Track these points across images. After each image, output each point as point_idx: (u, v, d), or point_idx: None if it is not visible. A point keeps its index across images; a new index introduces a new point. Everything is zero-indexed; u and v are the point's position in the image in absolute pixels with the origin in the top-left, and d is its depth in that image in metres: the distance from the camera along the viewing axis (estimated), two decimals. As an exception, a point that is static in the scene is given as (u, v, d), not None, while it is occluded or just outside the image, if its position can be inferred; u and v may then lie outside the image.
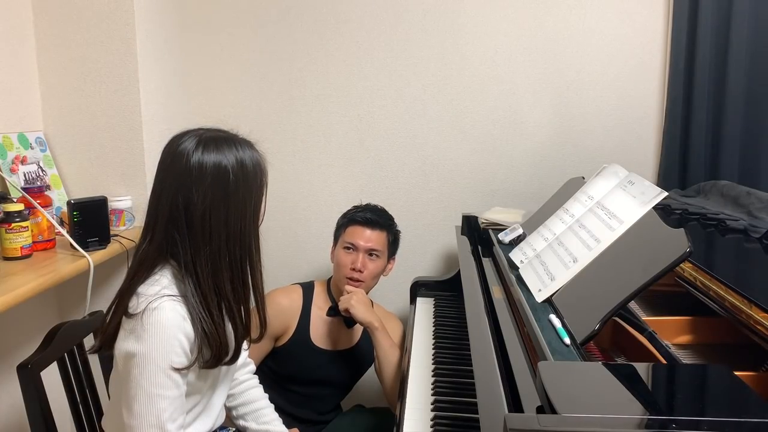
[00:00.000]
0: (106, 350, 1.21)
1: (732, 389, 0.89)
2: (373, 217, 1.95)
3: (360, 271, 1.89)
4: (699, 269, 1.30)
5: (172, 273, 1.17)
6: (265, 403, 1.52)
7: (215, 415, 1.33)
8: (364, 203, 2.04)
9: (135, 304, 1.14)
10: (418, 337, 1.82)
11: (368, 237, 1.92)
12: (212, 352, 1.17)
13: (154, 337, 1.10)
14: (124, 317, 1.15)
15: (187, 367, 1.14)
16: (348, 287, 1.85)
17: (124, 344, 1.13)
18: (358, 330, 1.97)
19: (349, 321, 1.92)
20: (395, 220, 2.04)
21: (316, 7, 2.26)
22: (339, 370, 1.92)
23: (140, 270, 1.17)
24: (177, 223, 1.15)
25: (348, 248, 1.92)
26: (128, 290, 1.17)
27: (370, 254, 1.92)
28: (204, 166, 1.14)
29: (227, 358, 1.22)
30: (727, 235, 1.57)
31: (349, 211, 2.01)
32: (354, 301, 1.79)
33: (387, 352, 1.80)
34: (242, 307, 1.22)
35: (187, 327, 1.14)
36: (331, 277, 2.01)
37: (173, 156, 1.17)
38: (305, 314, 1.93)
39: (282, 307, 1.91)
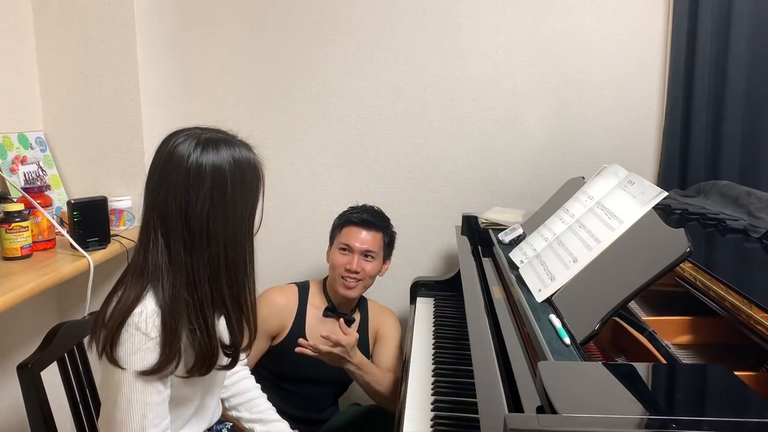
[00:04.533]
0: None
1: (732, 389, 0.89)
2: (369, 218, 1.96)
3: (356, 272, 1.89)
4: (699, 269, 1.29)
5: (153, 286, 1.13)
6: (258, 393, 1.52)
7: (209, 416, 1.33)
8: (360, 204, 2.04)
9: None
10: (418, 337, 1.82)
11: (364, 238, 1.92)
12: (205, 360, 1.16)
13: (128, 344, 1.09)
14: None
15: (158, 371, 1.10)
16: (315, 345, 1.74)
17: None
18: (354, 330, 1.97)
19: (346, 321, 1.92)
20: (394, 220, 2.05)
21: (316, 7, 2.25)
22: (335, 369, 1.92)
23: (134, 278, 1.14)
24: (175, 227, 1.11)
25: (343, 249, 1.93)
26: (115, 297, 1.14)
27: (366, 255, 1.93)
28: (203, 168, 1.10)
29: (220, 364, 1.21)
30: (727, 235, 1.57)
31: (345, 212, 2.01)
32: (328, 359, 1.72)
33: (378, 383, 1.78)
34: (240, 311, 1.20)
35: (152, 328, 1.09)
36: (326, 277, 2.01)
37: (170, 156, 1.12)
38: (301, 313, 1.94)
39: (278, 306, 1.91)
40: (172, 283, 1.12)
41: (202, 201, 1.11)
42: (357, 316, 2.02)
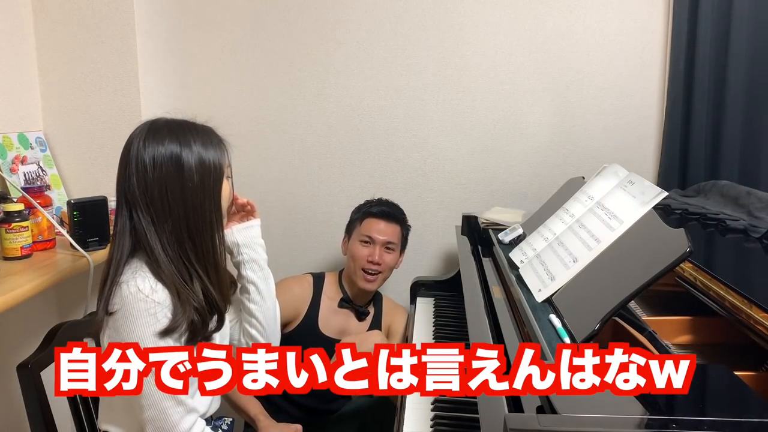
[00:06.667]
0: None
1: (732, 389, 0.89)
2: (389, 210, 2.01)
3: (378, 264, 1.94)
4: (699, 269, 1.29)
5: (144, 259, 1.21)
6: None
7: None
8: (376, 197, 2.08)
9: (113, 303, 1.17)
10: (418, 337, 1.82)
11: (385, 230, 1.98)
12: (202, 320, 1.21)
13: (136, 316, 1.14)
14: (106, 317, 1.18)
15: (176, 328, 1.17)
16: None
17: (115, 336, 1.16)
18: (368, 323, 2.02)
19: (361, 313, 1.98)
20: None
21: (316, 6, 2.25)
22: None
23: (119, 262, 1.21)
24: (141, 203, 1.20)
25: (365, 241, 1.97)
26: (112, 282, 1.20)
27: (387, 247, 1.97)
28: (156, 149, 1.20)
29: (213, 325, 1.26)
30: (727, 235, 1.57)
31: (363, 204, 2.06)
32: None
33: None
34: (208, 276, 1.26)
35: (160, 293, 1.17)
36: (342, 269, 2.05)
37: (129, 146, 1.23)
38: (315, 302, 1.98)
39: (293, 294, 1.96)
40: (155, 252, 1.20)
41: (158, 180, 1.20)
42: (371, 310, 2.05)
